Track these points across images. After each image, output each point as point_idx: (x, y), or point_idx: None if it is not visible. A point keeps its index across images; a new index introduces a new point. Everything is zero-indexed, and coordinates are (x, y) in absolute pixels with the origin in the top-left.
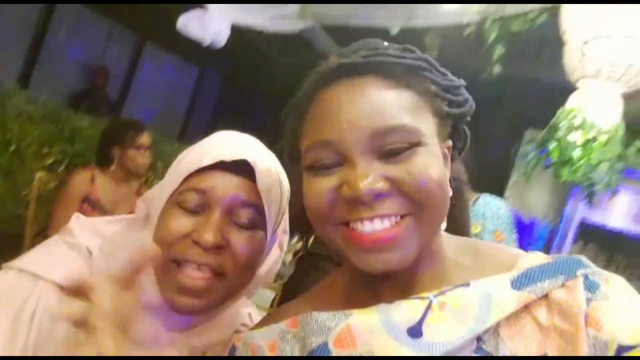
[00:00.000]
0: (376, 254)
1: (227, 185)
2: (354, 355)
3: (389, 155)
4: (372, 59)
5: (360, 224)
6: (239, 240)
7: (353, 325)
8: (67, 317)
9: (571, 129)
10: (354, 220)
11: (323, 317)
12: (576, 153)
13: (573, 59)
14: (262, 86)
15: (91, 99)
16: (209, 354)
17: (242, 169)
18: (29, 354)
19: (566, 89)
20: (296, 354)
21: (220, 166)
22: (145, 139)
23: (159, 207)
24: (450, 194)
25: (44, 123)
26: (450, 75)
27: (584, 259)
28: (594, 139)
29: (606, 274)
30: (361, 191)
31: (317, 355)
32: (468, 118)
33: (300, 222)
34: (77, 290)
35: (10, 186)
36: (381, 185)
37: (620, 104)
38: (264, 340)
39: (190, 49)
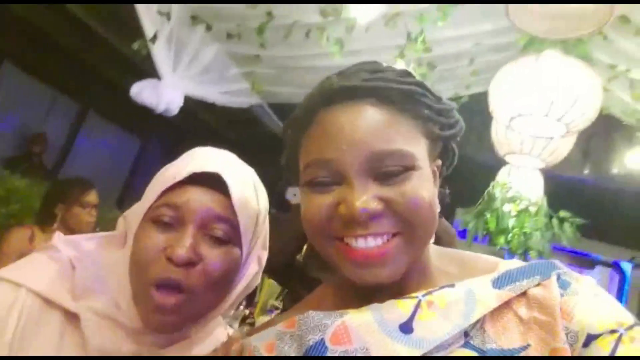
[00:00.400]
0: (368, 269)
1: (200, 199)
2: (349, 350)
3: (385, 177)
4: (372, 84)
5: (354, 240)
6: (212, 256)
7: (348, 322)
8: None
9: (504, 200)
10: (348, 237)
11: (320, 315)
12: (511, 222)
13: (500, 135)
14: None
15: (27, 164)
16: None
17: (217, 184)
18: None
19: (490, 166)
20: (293, 352)
21: (195, 181)
22: (92, 196)
23: (136, 223)
24: (439, 209)
25: None
26: (443, 99)
27: (557, 262)
28: (526, 210)
29: (576, 274)
30: (357, 211)
31: (314, 351)
32: (458, 138)
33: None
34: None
35: None
36: (375, 205)
37: (541, 179)
38: (260, 342)
39: (133, 120)
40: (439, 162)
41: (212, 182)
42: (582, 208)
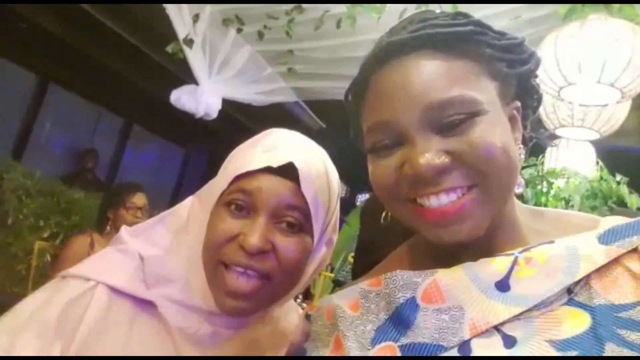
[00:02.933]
0: (446, 227)
1: (273, 188)
2: (442, 307)
3: (448, 128)
4: (420, 33)
5: (427, 199)
6: (285, 244)
7: (440, 280)
8: None
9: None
10: (420, 197)
11: (409, 274)
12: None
13: (548, 109)
14: None
15: (81, 179)
16: (267, 347)
17: (289, 170)
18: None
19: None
20: (381, 311)
21: (268, 169)
22: (138, 198)
23: (209, 205)
24: (522, 154)
25: (39, 197)
26: (508, 35)
27: None
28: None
29: None
30: (422, 168)
31: (405, 308)
32: (537, 73)
33: None
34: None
35: (5, 261)
36: (442, 160)
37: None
38: (343, 300)
39: (175, 130)
40: (518, 103)
41: (285, 168)
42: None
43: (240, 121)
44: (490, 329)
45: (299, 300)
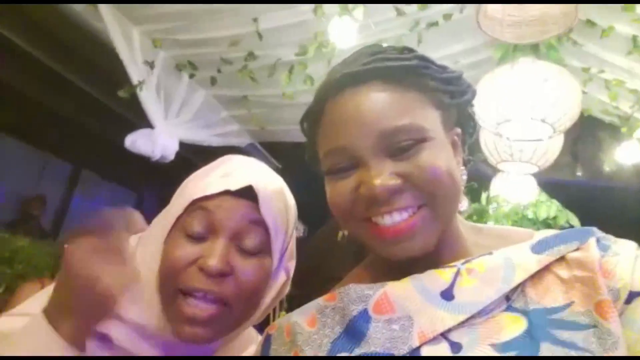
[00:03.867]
0: (398, 244)
1: (233, 208)
2: (392, 318)
3: (399, 152)
4: (372, 66)
5: (381, 217)
6: (245, 267)
7: (389, 292)
8: None
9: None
10: (374, 216)
11: (361, 287)
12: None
13: (489, 145)
14: None
15: (25, 227)
16: None
17: (248, 193)
18: None
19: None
20: (336, 324)
21: (227, 192)
22: None
23: (163, 234)
24: (464, 176)
25: None
26: (449, 68)
27: (594, 228)
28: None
29: (614, 238)
30: (377, 190)
31: (358, 320)
32: (473, 103)
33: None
34: None
35: None
36: (394, 182)
37: (535, 184)
38: (301, 316)
39: (126, 174)
40: (458, 130)
41: (243, 191)
42: (579, 208)
43: (192, 161)
44: (438, 337)
45: None
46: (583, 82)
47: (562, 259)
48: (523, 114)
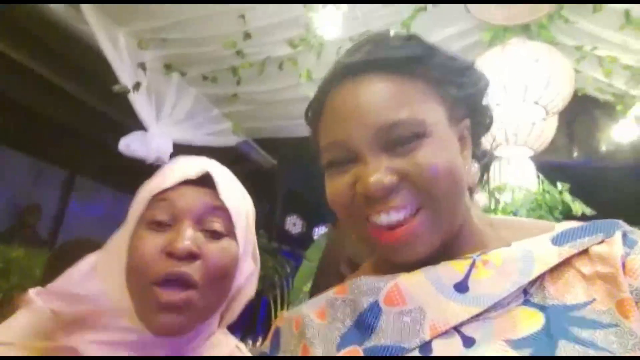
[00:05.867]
0: (398, 250)
1: (194, 195)
2: (403, 310)
3: (396, 147)
4: (374, 55)
5: (378, 215)
6: (212, 249)
7: (401, 284)
8: None
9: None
10: (372, 214)
11: (372, 279)
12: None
13: None
14: None
15: (20, 236)
16: None
17: (205, 182)
18: None
19: None
20: (347, 317)
21: (186, 182)
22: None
23: (129, 230)
24: (476, 171)
25: None
26: (459, 58)
27: (621, 221)
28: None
29: None
30: (372, 187)
31: (369, 313)
32: (486, 92)
33: None
34: None
35: None
36: (389, 179)
37: (533, 167)
38: (311, 309)
39: (121, 178)
40: (467, 122)
41: (201, 180)
42: (578, 190)
43: None
44: (450, 330)
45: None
46: (576, 60)
47: (584, 253)
48: (515, 96)
